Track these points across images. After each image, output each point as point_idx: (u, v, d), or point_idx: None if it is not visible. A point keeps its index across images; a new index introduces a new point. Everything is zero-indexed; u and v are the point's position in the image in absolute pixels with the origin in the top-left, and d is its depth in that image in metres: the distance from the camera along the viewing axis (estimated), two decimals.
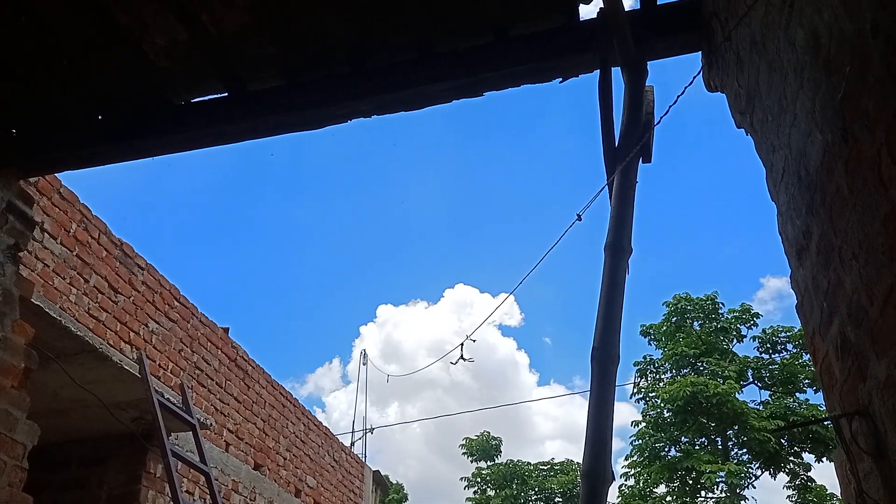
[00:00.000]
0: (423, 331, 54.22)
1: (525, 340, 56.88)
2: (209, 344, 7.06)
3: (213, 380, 7.03)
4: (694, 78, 2.61)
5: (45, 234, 4.85)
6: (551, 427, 50.39)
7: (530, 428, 49.52)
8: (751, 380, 21.73)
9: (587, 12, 2.90)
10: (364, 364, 22.24)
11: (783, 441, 19.82)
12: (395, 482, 28.75)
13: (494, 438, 30.68)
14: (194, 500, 6.42)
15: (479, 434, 30.86)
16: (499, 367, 50.38)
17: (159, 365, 6.12)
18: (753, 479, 20.11)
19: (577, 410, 49.50)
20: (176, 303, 6.52)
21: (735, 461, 19.89)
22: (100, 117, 3.39)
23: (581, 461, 2.31)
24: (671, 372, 22.10)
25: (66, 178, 5.08)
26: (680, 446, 20.67)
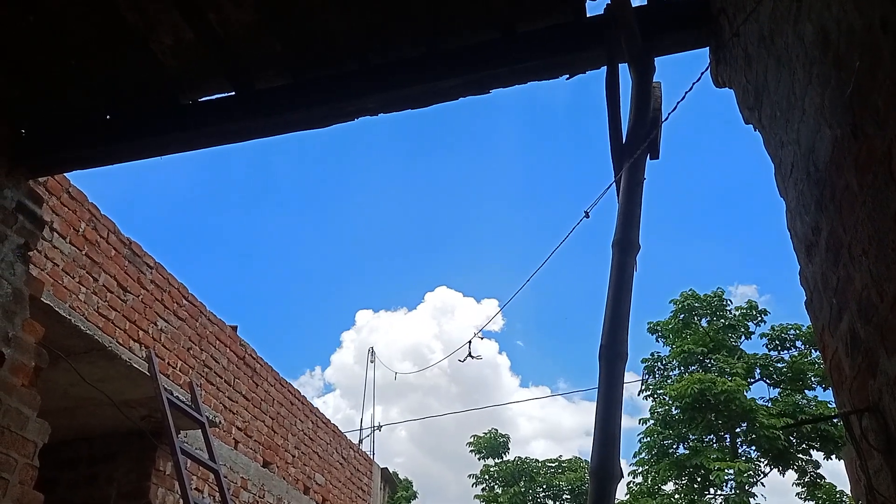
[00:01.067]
0: (401, 335, 54.18)
1: (506, 344, 57.22)
2: (217, 342, 7.08)
3: (221, 378, 7.06)
4: (702, 74, 2.60)
5: (55, 233, 4.87)
6: (535, 428, 50.52)
7: (514, 429, 49.80)
8: (759, 377, 21.65)
9: (594, 8, 2.90)
10: (371, 362, 22.27)
11: (792, 438, 19.74)
12: (403, 479, 28.79)
13: (502, 436, 30.69)
14: (203, 497, 6.45)
15: (486, 432, 30.88)
16: (479, 370, 50.52)
17: (168, 363, 6.15)
18: (762, 476, 20.04)
19: (560, 411, 49.80)
20: (184, 301, 6.55)
21: (744, 458, 19.82)
22: (108, 117, 3.40)
23: (589, 458, 2.31)
24: (679, 369, 22.05)
25: (75, 177, 5.11)
26: (688, 444, 20.61)
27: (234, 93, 3.26)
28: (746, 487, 19.46)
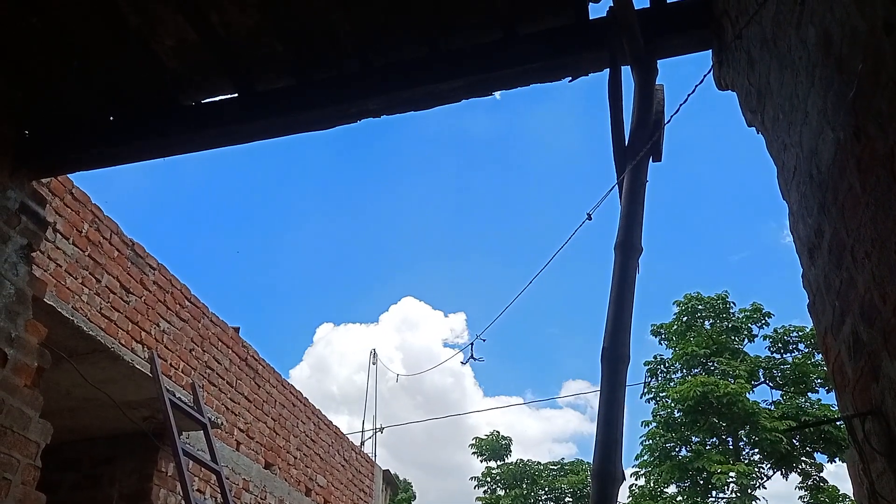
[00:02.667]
0: (361, 347, 54.16)
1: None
2: (220, 343, 7.09)
3: (223, 379, 7.06)
4: (705, 76, 2.59)
5: (58, 234, 4.88)
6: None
7: (484, 433, 50.03)
8: (762, 379, 21.61)
9: (597, 10, 2.89)
10: (374, 364, 22.27)
11: (795, 441, 19.70)
12: (403, 481, 28.78)
13: (504, 438, 30.69)
14: (205, 498, 6.45)
15: (488, 434, 30.89)
16: (442, 381, 50.71)
17: (170, 364, 6.15)
18: (765, 479, 20.02)
19: (525, 419, 50.40)
20: (187, 302, 6.55)
21: (746, 461, 19.78)
22: (111, 118, 3.41)
23: (591, 461, 2.31)
24: (682, 371, 22.02)
25: (78, 178, 5.12)
26: (691, 446, 20.58)
27: (235, 94, 3.26)
28: (749, 490, 19.42)
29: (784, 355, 21.75)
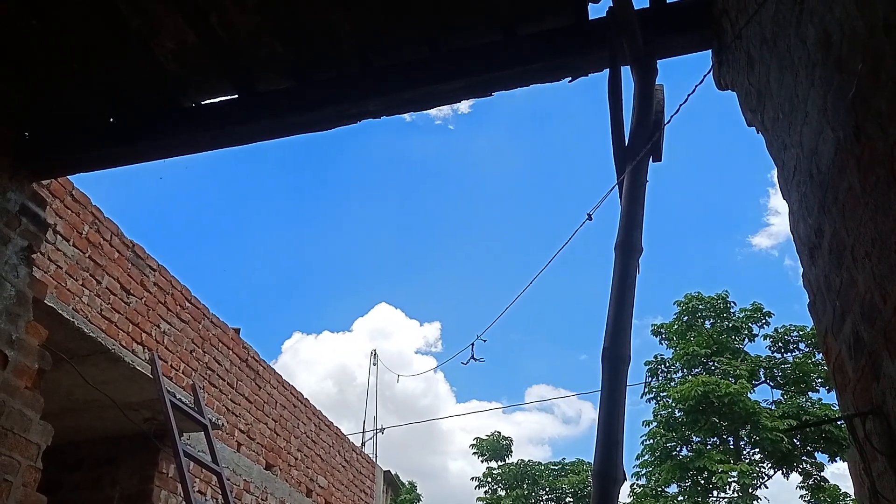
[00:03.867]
0: (330, 356, 54.25)
1: (443, 364, 57.88)
2: (220, 344, 7.09)
3: (224, 380, 7.06)
4: (704, 76, 2.59)
5: (58, 235, 4.88)
6: (469, 439, 51.23)
7: (450, 442, 50.72)
8: (763, 379, 21.61)
9: (596, 11, 2.90)
10: (374, 364, 22.26)
11: (796, 441, 19.70)
12: (407, 482, 28.77)
13: (505, 438, 30.69)
14: (206, 499, 6.45)
15: (489, 434, 30.88)
16: (415, 386, 50.90)
17: (171, 365, 6.16)
18: (766, 478, 20.02)
19: (498, 423, 50.92)
20: (187, 303, 6.56)
21: (747, 461, 19.78)
22: (111, 120, 3.41)
23: (592, 461, 2.31)
24: (682, 371, 22.02)
25: (78, 180, 5.12)
26: (691, 446, 20.58)
27: (236, 95, 3.26)
28: (750, 490, 19.42)
29: (785, 355, 21.75)
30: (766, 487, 19.98)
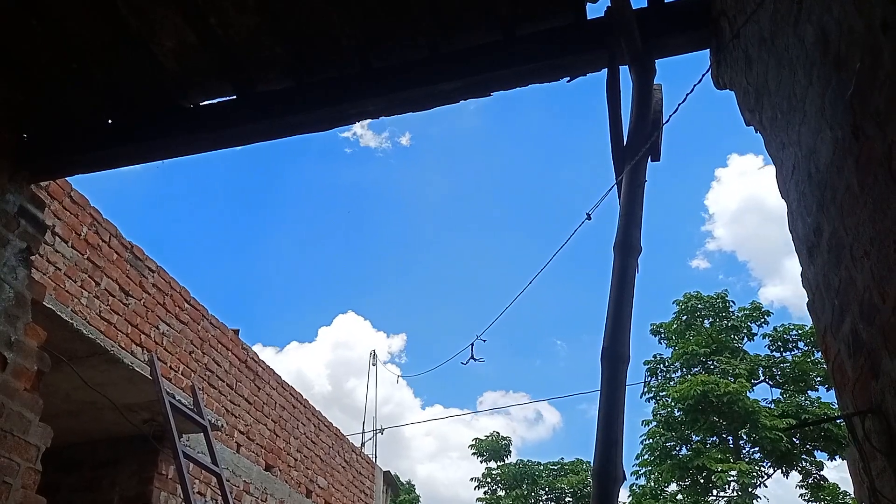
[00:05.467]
0: (292, 364, 54.30)
1: (408, 373, 58.82)
2: (220, 346, 7.09)
3: (223, 381, 7.06)
4: (703, 76, 2.60)
5: (57, 237, 4.88)
6: (435, 444, 51.62)
7: (415, 448, 51.08)
8: (762, 378, 21.62)
9: (595, 10, 2.90)
10: (374, 364, 22.25)
11: (795, 439, 19.70)
12: (406, 483, 28.75)
13: (504, 438, 30.68)
14: (206, 501, 6.45)
15: (488, 434, 30.88)
16: (376, 393, 51.33)
17: (170, 367, 6.15)
18: (765, 477, 20.01)
19: (459, 428, 51.61)
20: (186, 305, 6.55)
21: (747, 460, 19.78)
22: (110, 121, 3.41)
23: (592, 461, 2.31)
24: (682, 371, 22.03)
25: (77, 181, 5.11)
26: (691, 445, 20.58)
27: (235, 96, 3.26)
28: (749, 489, 19.42)
29: (784, 354, 21.76)
30: (766, 486, 20.01)
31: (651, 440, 21.17)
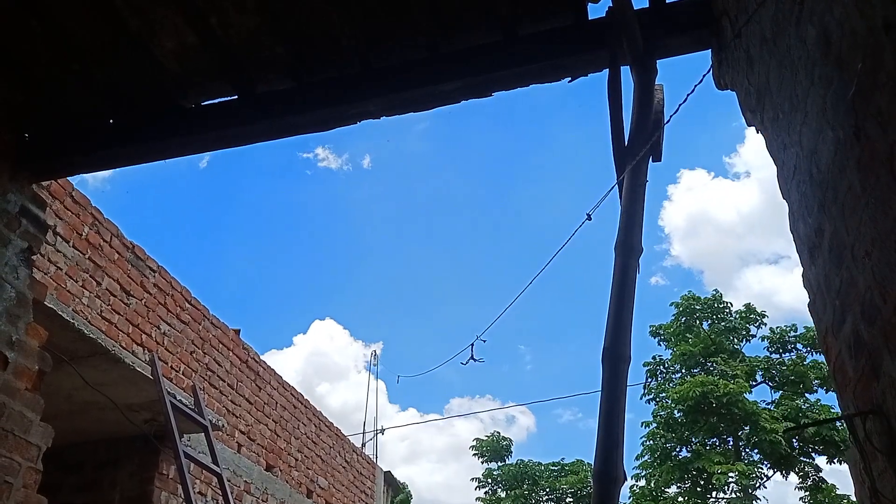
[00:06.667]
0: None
1: (386, 378, 59.54)
2: (221, 346, 7.09)
3: (224, 381, 7.06)
4: (704, 76, 2.60)
5: (58, 237, 4.88)
6: (409, 448, 51.92)
7: (391, 452, 51.41)
8: (761, 380, 21.62)
9: (596, 10, 2.90)
10: (375, 365, 22.25)
11: (794, 442, 19.70)
12: (400, 483, 28.74)
13: (505, 439, 30.67)
14: (207, 501, 6.45)
15: (488, 435, 30.87)
16: (349, 398, 51.45)
17: (171, 367, 6.15)
18: (765, 479, 20.01)
19: (435, 434, 51.83)
20: (187, 304, 6.55)
21: (746, 462, 19.77)
22: (111, 121, 3.41)
23: (593, 461, 2.31)
24: (681, 372, 22.03)
25: (78, 181, 5.12)
26: (691, 447, 20.57)
27: (235, 96, 3.27)
28: (749, 491, 19.42)
29: (782, 355, 21.76)
30: (765, 488, 20.00)
31: (651, 441, 21.17)
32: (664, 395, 21.35)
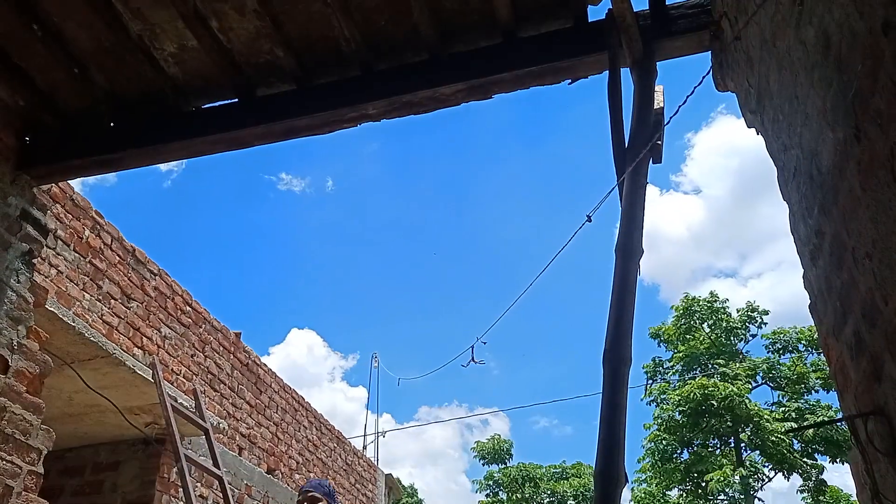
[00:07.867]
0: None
1: (365, 384, 60.54)
2: (221, 348, 7.09)
3: (225, 384, 7.06)
4: (703, 78, 2.60)
5: (59, 240, 4.89)
6: (385, 455, 52.17)
7: (370, 456, 52.32)
8: (761, 381, 21.60)
9: (596, 13, 2.90)
10: (375, 367, 22.23)
11: (796, 443, 19.68)
12: (407, 486, 28.71)
13: (505, 442, 30.64)
14: None
15: (489, 437, 30.86)
16: (330, 404, 52.09)
17: (172, 370, 6.15)
18: (766, 481, 19.98)
19: (408, 441, 53.42)
20: (188, 307, 6.55)
21: (748, 463, 19.75)
22: (111, 124, 3.42)
23: (594, 463, 2.30)
24: (682, 374, 22.01)
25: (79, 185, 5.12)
26: (692, 448, 20.56)
27: (236, 99, 3.27)
28: (751, 492, 19.39)
29: (783, 356, 21.75)
30: (764, 490, 19.98)
31: (652, 443, 21.15)
32: (665, 396, 21.34)
